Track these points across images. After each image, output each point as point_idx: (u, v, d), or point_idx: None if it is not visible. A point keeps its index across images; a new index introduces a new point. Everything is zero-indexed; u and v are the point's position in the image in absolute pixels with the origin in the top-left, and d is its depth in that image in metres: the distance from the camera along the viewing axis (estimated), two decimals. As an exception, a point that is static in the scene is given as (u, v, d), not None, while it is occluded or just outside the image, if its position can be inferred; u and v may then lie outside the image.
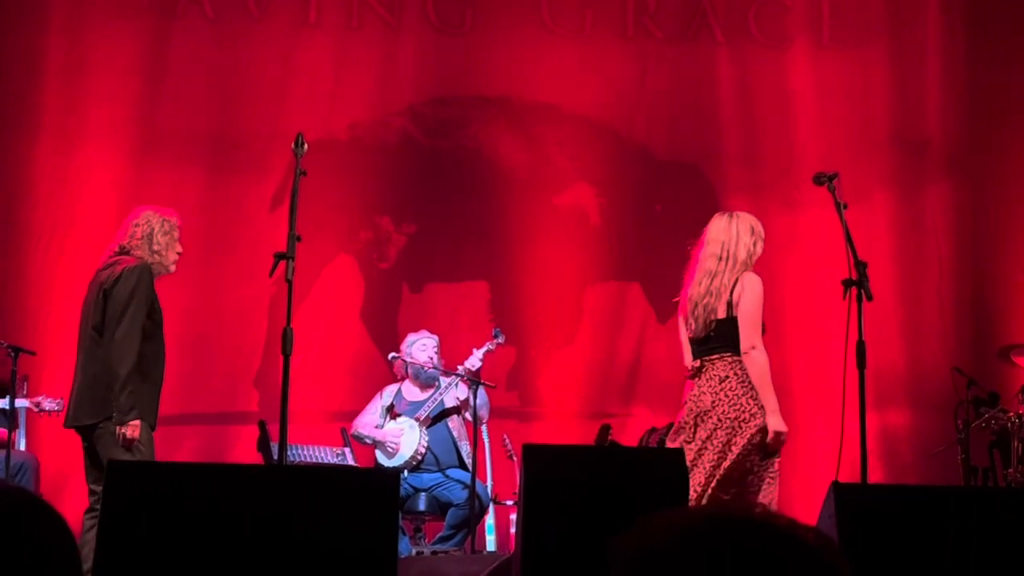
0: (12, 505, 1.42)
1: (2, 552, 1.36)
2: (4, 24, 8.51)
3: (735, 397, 5.20)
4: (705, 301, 5.37)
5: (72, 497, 7.34)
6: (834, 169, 5.69)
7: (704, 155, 8.86)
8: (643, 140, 8.84)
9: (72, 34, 8.55)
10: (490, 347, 7.38)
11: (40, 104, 8.43)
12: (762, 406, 5.19)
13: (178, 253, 5.87)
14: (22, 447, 7.19)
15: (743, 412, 5.18)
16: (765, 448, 5.22)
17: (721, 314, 5.31)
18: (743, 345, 5.25)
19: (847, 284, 5.40)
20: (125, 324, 5.52)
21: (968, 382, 7.59)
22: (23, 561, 1.37)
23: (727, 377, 5.24)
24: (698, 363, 5.33)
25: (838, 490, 4.05)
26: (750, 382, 5.22)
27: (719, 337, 5.30)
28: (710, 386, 5.26)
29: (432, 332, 7.61)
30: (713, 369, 5.28)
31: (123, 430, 5.50)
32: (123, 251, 5.75)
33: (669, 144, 8.85)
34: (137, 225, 5.77)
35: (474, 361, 7.23)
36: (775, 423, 5.19)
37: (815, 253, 8.34)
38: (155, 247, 5.75)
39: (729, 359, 5.27)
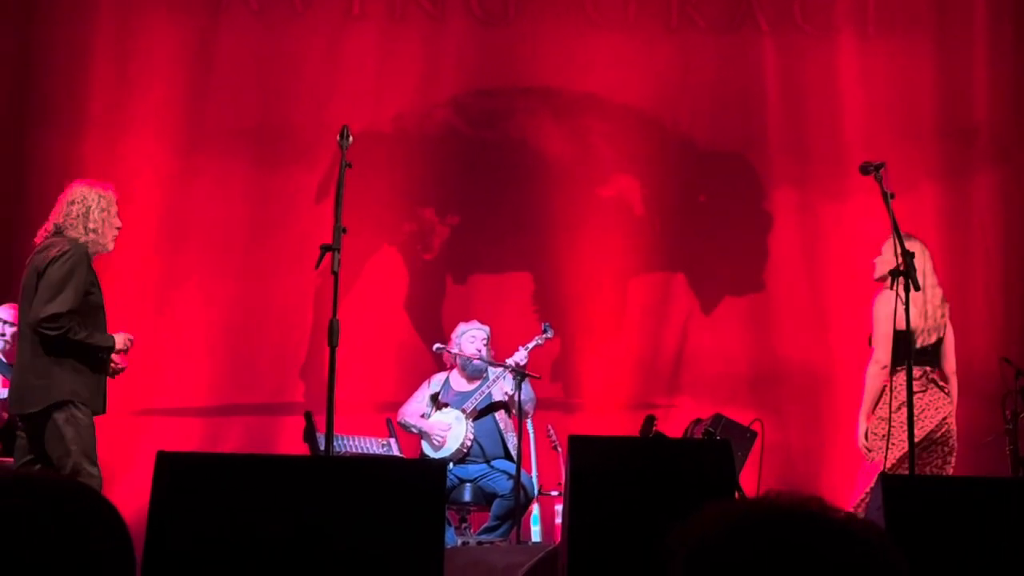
0: (64, 496, 1.43)
1: (56, 543, 1.37)
2: (52, 17, 8.57)
3: None
4: None
5: (123, 488, 7.41)
6: (881, 159, 5.65)
7: (749, 145, 8.81)
8: (687, 131, 8.79)
9: (119, 27, 8.61)
10: (539, 341, 7.37)
11: (87, 97, 8.49)
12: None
13: (117, 229, 5.70)
14: (71, 437, 7.23)
15: None
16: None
17: None
18: None
19: (894, 274, 5.37)
20: (55, 304, 5.35)
21: (1016, 372, 7.51)
22: (77, 552, 1.38)
23: None
24: None
25: (886, 482, 4.02)
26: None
27: None
28: None
29: (482, 323, 7.62)
30: None
31: (116, 358, 5.46)
32: (58, 231, 5.58)
33: (713, 134, 8.80)
34: (72, 203, 5.59)
35: (520, 356, 7.22)
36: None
37: (862, 243, 8.28)
38: (91, 225, 5.58)
39: None
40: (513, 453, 7.13)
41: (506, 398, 7.32)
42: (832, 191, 8.55)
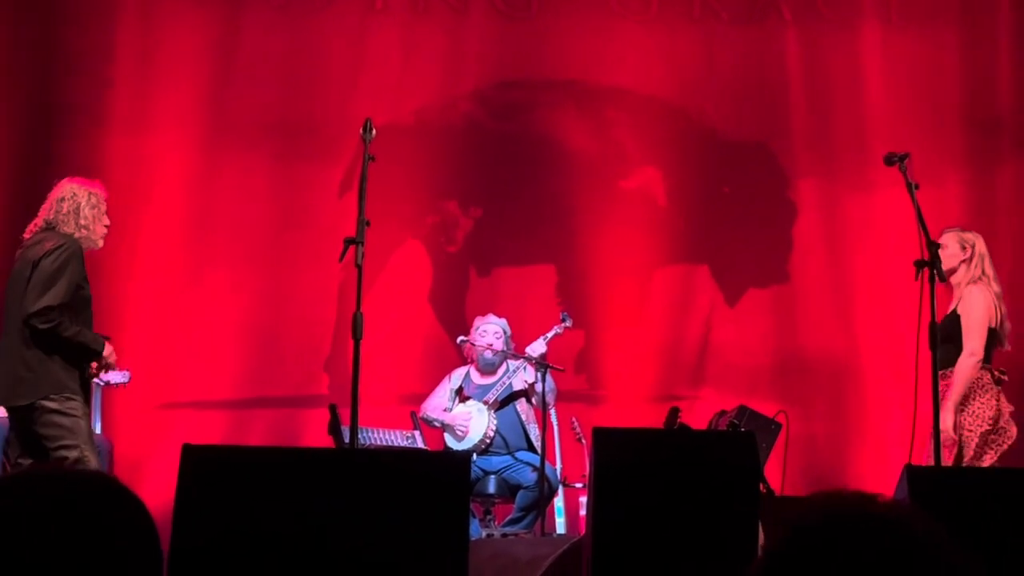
0: (92, 489, 1.44)
1: (84, 536, 1.38)
2: (77, 11, 8.60)
3: None
4: None
5: (149, 481, 7.45)
6: (905, 149, 5.64)
7: (773, 136, 8.78)
8: (711, 122, 8.77)
9: (142, 24, 8.64)
10: (557, 330, 7.37)
11: (112, 91, 8.52)
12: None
13: (106, 227, 5.70)
14: (97, 430, 7.27)
15: None
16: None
17: None
18: None
19: (919, 265, 5.36)
20: (48, 297, 5.35)
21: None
22: (104, 545, 1.38)
23: None
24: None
25: (911, 473, 4.00)
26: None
27: None
28: None
29: (500, 315, 7.61)
30: None
31: (105, 360, 5.47)
32: (49, 226, 5.58)
33: (737, 126, 8.77)
34: (63, 200, 5.59)
35: (539, 345, 7.22)
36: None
37: (887, 234, 8.25)
38: (82, 221, 5.58)
39: None
40: (536, 444, 7.13)
41: (526, 386, 7.32)
42: (856, 182, 8.52)
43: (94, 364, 5.57)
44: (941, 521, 3.71)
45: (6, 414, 6.73)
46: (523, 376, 7.35)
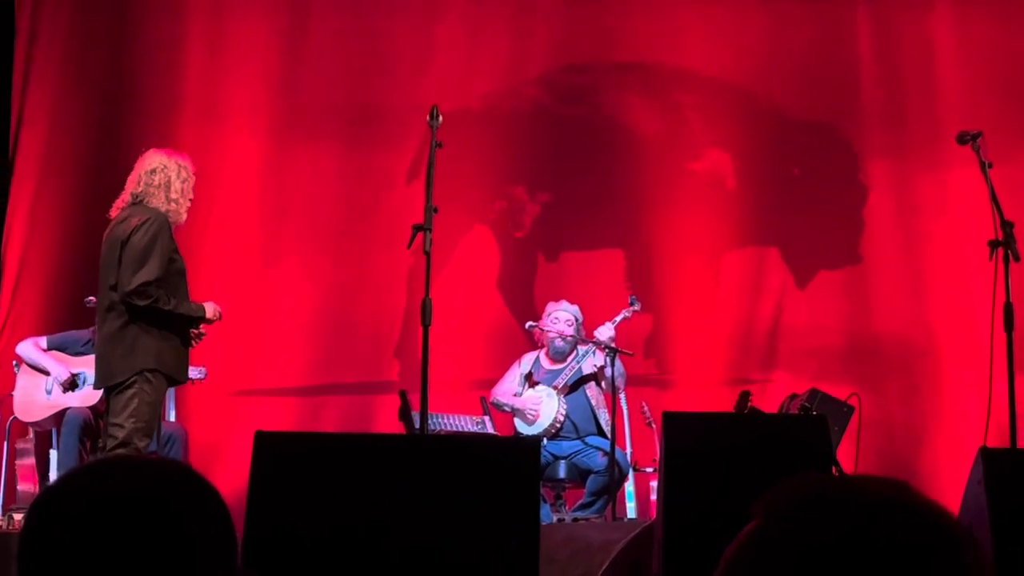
0: (168, 477, 1.46)
1: (158, 522, 1.40)
2: (145, 7, 8.71)
3: None
4: None
5: (223, 468, 7.55)
6: (978, 127, 5.57)
7: (843, 116, 8.68)
8: (780, 102, 8.70)
9: (210, 14, 8.72)
10: (626, 314, 7.36)
11: (181, 81, 8.61)
12: None
13: (190, 201, 5.63)
14: (171, 418, 7.38)
15: None
16: None
17: None
18: None
19: (993, 245, 5.30)
20: (143, 273, 5.30)
21: None
22: (178, 530, 1.41)
23: None
24: None
25: (986, 456, 3.97)
26: None
27: None
28: None
29: (570, 300, 7.61)
30: None
31: (208, 320, 5.49)
32: (136, 200, 5.52)
33: (806, 106, 8.69)
34: (153, 171, 5.51)
35: (607, 329, 7.21)
36: None
37: (960, 214, 8.14)
38: (172, 195, 5.51)
39: None
40: (606, 429, 7.13)
41: (595, 370, 7.32)
42: (929, 161, 8.41)
43: (199, 328, 5.59)
44: (1018, 502, 3.66)
45: (81, 404, 6.85)
46: (592, 360, 7.35)
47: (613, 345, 7.10)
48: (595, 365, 7.33)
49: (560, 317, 7.47)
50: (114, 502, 1.40)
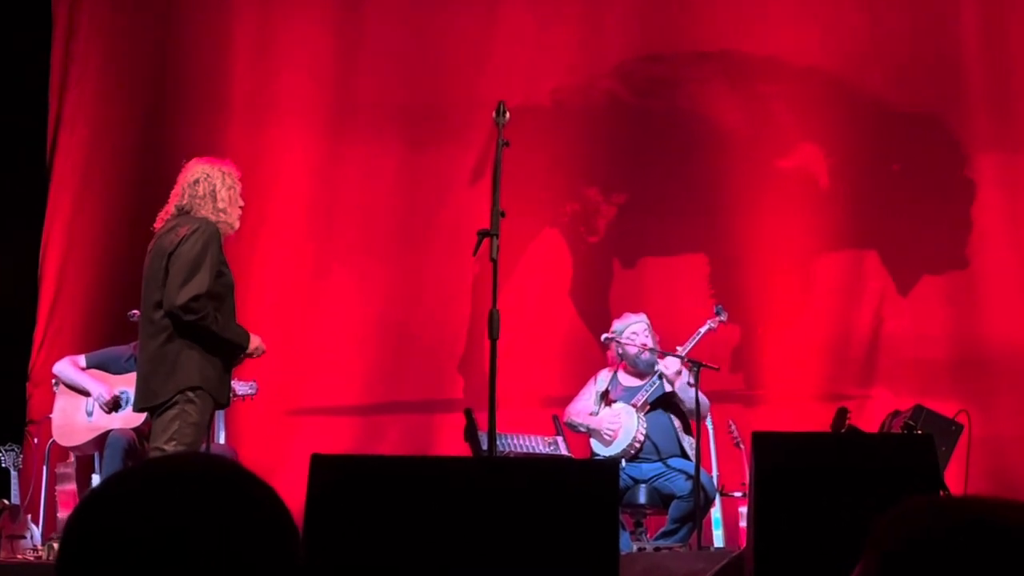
0: (221, 471, 1.47)
1: (217, 516, 1.41)
2: (193, 4, 8.82)
3: None
4: None
5: (277, 491, 7.57)
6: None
7: (947, 108, 8.59)
8: (876, 93, 8.62)
9: (260, 6, 8.81)
10: (712, 325, 7.31)
11: (231, 79, 8.71)
12: None
13: (240, 208, 5.66)
14: (221, 440, 7.43)
15: None
16: None
17: None
18: None
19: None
20: (193, 286, 5.32)
21: None
22: (237, 524, 1.41)
23: None
24: None
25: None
26: None
27: None
28: None
29: (644, 311, 7.55)
30: None
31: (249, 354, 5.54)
32: (182, 211, 5.55)
33: (907, 96, 8.60)
34: (196, 182, 5.54)
35: (691, 344, 7.17)
36: None
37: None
38: (220, 204, 5.53)
39: None
40: (690, 451, 7.08)
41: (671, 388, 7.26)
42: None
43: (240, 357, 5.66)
44: None
45: (124, 425, 6.92)
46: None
47: (697, 359, 7.04)
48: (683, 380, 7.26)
49: (638, 330, 7.41)
50: (176, 504, 1.41)
